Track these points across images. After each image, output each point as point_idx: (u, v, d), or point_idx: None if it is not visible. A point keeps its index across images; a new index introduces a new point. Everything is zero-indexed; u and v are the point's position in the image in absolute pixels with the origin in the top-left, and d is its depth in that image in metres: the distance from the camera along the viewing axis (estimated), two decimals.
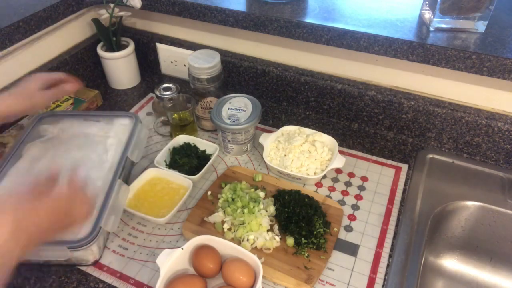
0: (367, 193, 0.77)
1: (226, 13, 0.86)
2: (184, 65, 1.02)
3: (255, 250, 0.67)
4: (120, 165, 0.71)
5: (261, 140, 0.82)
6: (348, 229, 0.71)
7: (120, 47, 1.01)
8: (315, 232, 0.67)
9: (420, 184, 0.79)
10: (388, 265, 0.66)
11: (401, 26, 0.78)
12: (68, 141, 0.77)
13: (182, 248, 0.60)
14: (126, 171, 0.76)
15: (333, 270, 0.65)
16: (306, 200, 0.73)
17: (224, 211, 0.71)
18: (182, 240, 0.70)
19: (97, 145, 0.76)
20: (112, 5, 0.94)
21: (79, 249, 0.60)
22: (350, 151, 0.86)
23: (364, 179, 0.80)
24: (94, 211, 0.61)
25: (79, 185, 0.54)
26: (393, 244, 0.69)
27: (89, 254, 0.64)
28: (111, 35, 0.98)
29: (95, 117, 0.82)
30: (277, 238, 0.68)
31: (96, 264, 0.66)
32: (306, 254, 0.66)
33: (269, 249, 0.67)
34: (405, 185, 0.79)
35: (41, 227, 0.47)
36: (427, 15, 0.78)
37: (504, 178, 0.80)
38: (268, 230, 0.68)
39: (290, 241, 0.67)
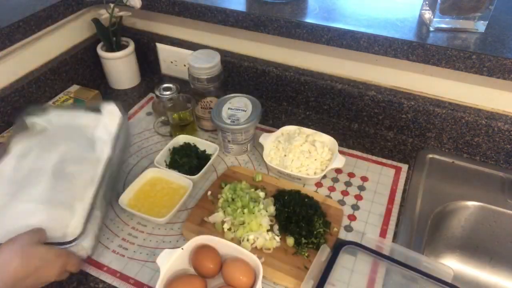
0: (367, 193, 0.77)
1: (226, 13, 0.86)
2: (184, 65, 1.02)
3: (255, 250, 0.67)
4: (109, 160, 0.70)
5: (261, 140, 0.82)
6: (348, 229, 0.71)
7: (120, 47, 1.01)
8: (315, 232, 0.67)
9: (420, 184, 0.79)
10: None
11: (401, 26, 0.78)
12: (56, 134, 0.74)
13: (182, 248, 0.60)
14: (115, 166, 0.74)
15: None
16: (306, 200, 0.73)
17: (224, 211, 0.71)
18: (182, 240, 0.70)
19: (86, 137, 0.73)
20: (112, 5, 0.93)
21: (66, 246, 0.60)
22: (350, 151, 0.86)
23: (364, 179, 0.80)
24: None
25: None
26: None
27: (80, 250, 0.63)
28: (111, 35, 0.98)
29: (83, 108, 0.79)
30: (277, 238, 0.68)
31: (96, 263, 0.66)
32: (306, 254, 0.66)
33: (269, 249, 0.67)
34: (405, 185, 0.79)
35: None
36: (427, 15, 0.78)
37: (504, 178, 0.80)
38: (268, 230, 0.68)
39: (290, 241, 0.67)
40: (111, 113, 0.77)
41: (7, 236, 0.60)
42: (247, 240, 0.67)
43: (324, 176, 0.80)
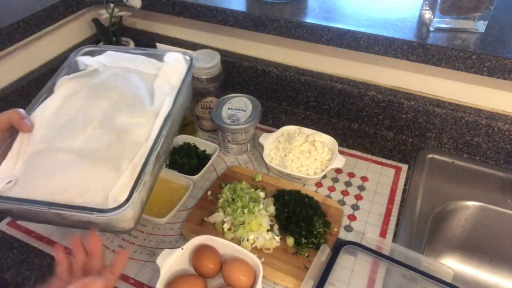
0: (367, 193, 0.77)
1: (226, 13, 0.86)
2: None
3: (255, 250, 0.67)
4: (168, 116, 0.58)
5: (261, 140, 0.82)
6: (348, 229, 0.71)
7: None
8: (315, 232, 0.67)
9: (420, 184, 0.79)
10: None
11: (401, 26, 0.78)
12: (109, 78, 0.63)
13: (182, 248, 0.60)
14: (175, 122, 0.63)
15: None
16: (306, 200, 0.73)
17: (224, 211, 0.71)
18: (182, 240, 0.70)
19: (143, 86, 0.62)
20: (112, 5, 0.93)
21: (105, 215, 0.48)
22: (350, 151, 0.86)
23: (364, 179, 0.80)
24: None
25: None
26: None
27: (122, 221, 0.52)
28: (111, 35, 0.98)
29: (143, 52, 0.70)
30: (277, 238, 0.68)
31: None
32: (306, 254, 0.66)
33: (269, 249, 0.67)
34: (405, 185, 0.79)
35: None
36: (427, 15, 0.79)
37: (504, 178, 0.80)
38: (268, 230, 0.68)
39: (290, 241, 0.67)
40: (176, 62, 0.66)
41: (34, 193, 0.49)
42: (247, 240, 0.67)
43: (324, 176, 0.80)
